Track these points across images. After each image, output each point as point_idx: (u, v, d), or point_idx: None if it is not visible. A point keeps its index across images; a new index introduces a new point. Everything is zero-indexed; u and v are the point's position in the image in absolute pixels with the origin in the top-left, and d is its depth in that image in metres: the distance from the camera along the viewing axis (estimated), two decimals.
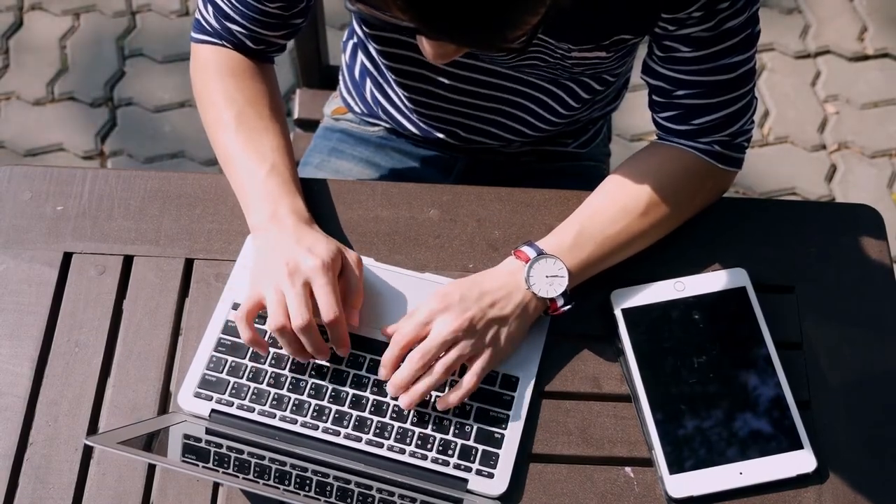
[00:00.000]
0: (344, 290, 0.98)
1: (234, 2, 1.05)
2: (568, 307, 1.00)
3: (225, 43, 1.10)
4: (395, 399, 0.98)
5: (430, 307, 0.97)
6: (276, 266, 0.96)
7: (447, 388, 0.99)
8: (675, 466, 0.96)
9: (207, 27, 1.10)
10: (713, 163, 1.07)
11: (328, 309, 0.94)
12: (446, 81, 1.15)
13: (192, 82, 1.12)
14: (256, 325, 0.99)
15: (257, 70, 1.11)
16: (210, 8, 1.08)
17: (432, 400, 0.98)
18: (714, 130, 1.05)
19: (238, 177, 1.05)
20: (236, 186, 1.06)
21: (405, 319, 0.99)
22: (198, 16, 1.10)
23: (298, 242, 0.97)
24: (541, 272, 0.99)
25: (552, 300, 1.00)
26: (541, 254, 1.00)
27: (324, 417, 0.98)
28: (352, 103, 1.34)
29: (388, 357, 0.98)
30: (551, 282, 0.99)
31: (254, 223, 1.02)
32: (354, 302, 0.99)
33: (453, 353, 0.96)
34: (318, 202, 1.10)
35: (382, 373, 0.98)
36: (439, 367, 0.96)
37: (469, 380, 0.97)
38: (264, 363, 1.00)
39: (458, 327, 0.96)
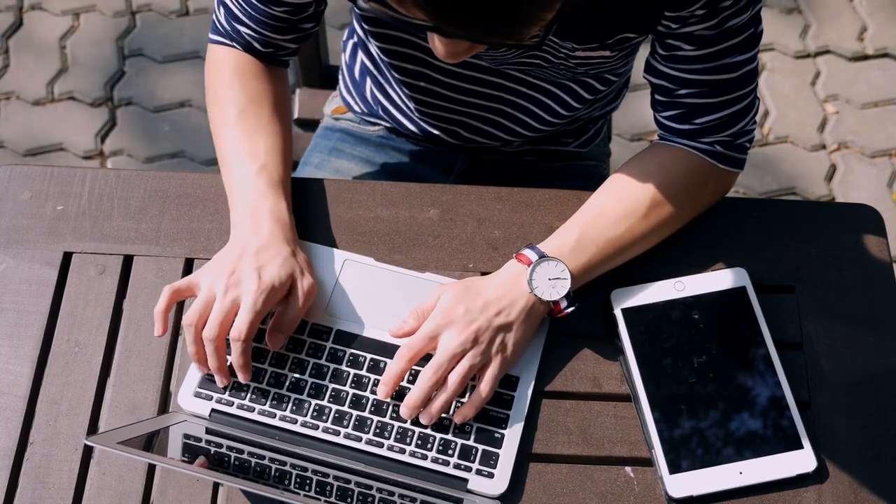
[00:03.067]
0: (280, 316, 0.99)
1: (244, 4, 1.06)
2: (571, 308, 1.00)
3: (235, 44, 1.10)
4: (405, 421, 0.97)
5: (434, 322, 0.97)
6: (223, 270, 0.97)
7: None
8: (675, 466, 0.96)
9: (220, 28, 1.11)
10: (715, 163, 1.07)
11: (236, 329, 0.94)
12: (447, 81, 1.15)
13: (205, 81, 1.13)
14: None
15: (265, 71, 1.11)
16: (222, 9, 1.09)
17: (450, 412, 0.98)
18: (716, 130, 1.05)
19: (228, 172, 1.06)
20: (226, 182, 1.06)
21: (411, 338, 0.98)
22: (213, 16, 1.11)
23: (256, 257, 0.97)
24: (543, 275, 0.99)
25: (556, 303, 1.00)
26: (542, 256, 1.00)
27: (324, 417, 0.98)
28: (352, 103, 1.34)
29: (390, 373, 0.97)
30: (554, 284, 0.99)
31: (235, 219, 1.03)
32: (286, 328, 0.99)
33: (464, 365, 0.96)
34: (317, 202, 1.10)
35: (383, 391, 0.97)
36: (453, 380, 0.95)
37: (484, 389, 0.96)
38: (264, 363, 1.00)
39: (465, 340, 0.96)
